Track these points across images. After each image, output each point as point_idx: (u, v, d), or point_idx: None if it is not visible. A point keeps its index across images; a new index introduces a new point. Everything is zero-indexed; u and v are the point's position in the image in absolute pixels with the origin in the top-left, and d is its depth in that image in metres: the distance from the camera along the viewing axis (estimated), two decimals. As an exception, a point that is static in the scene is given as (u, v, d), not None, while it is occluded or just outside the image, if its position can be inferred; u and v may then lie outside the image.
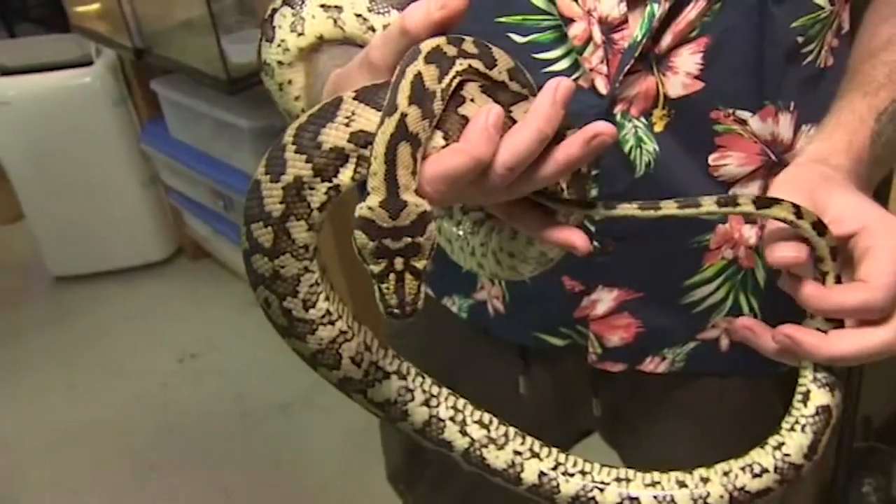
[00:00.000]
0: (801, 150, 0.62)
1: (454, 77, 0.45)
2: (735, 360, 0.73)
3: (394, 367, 0.54)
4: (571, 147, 0.44)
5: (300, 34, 0.56)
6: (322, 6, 0.55)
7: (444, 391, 0.56)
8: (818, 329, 0.53)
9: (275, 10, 0.57)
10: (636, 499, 0.57)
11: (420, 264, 0.43)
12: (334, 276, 1.94)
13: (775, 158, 0.66)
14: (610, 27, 0.60)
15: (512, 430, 0.57)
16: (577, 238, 0.49)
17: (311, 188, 0.45)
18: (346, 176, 0.45)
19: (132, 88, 2.51)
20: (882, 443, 1.56)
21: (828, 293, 0.51)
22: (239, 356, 2.38)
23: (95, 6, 2.34)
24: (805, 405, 0.57)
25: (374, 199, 0.43)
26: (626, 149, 0.63)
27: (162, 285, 2.74)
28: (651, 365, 0.73)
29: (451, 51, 0.45)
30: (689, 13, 0.59)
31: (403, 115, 0.43)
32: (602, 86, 0.61)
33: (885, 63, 0.62)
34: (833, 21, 0.64)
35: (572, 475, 0.57)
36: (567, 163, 0.44)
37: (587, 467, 0.58)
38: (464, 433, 0.56)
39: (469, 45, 0.45)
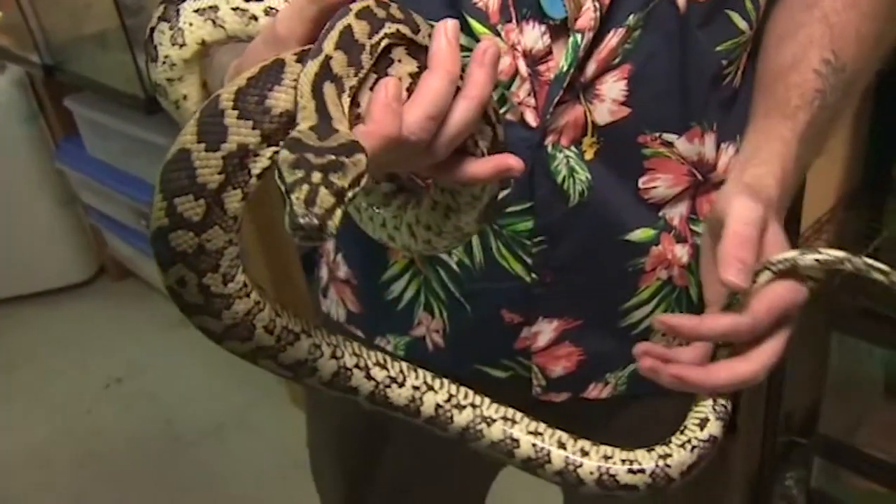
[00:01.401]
0: (740, 167, 0.63)
1: (383, 38, 0.45)
2: (671, 379, 0.74)
3: (300, 327, 0.53)
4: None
5: (182, 45, 0.55)
6: (196, 11, 0.54)
7: (341, 338, 0.56)
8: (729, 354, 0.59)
9: (153, 29, 0.56)
10: (517, 440, 0.60)
11: (340, 181, 0.39)
12: (254, 258, 1.91)
13: (702, 178, 0.67)
14: (535, 60, 0.60)
15: (404, 364, 0.59)
16: (510, 160, 0.49)
17: (256, 155, 0.42)
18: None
19: (44, 105, 2.41)
20: (801, 437, 1.62)
21: (700, 323, 0.58)
22: (167, 379, 2.31)
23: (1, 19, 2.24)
24: (701, 430, 0.62)
25: (304, 125, 0.41)
26: (559, 179, 0.63)
27: (85, 307, 2.64)
28: (595, 391, 0.74)
29: (380, 13, 0.45)
30: (611, 41, 0.60)
31: (328, 57, 0.42)
32: (532, 118, 0.61)
33: (796, 85, 0.64)
34: (748, 43, 0.66)
35: (464, 407, 0.60)
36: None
37: (477, 400, 0.60)
38: (369, 377, 0.56)
39: (395, 10, 0.46)
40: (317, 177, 0.38)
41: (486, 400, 0.61)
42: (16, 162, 2.40)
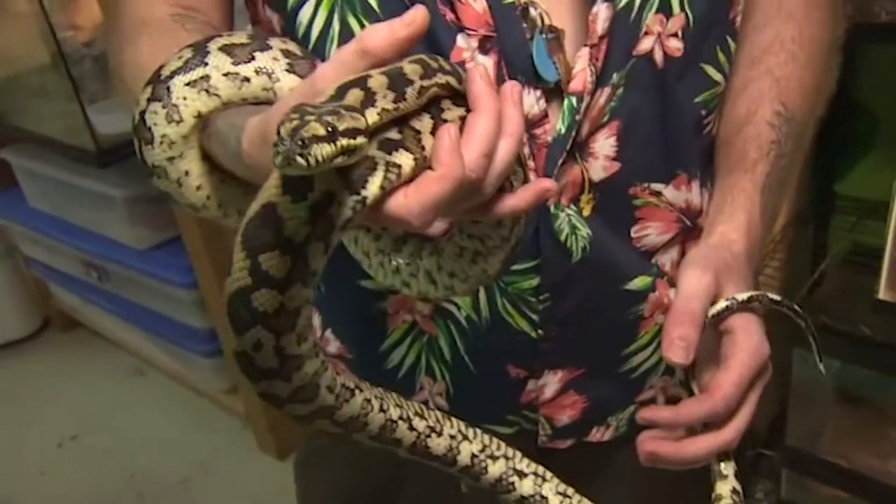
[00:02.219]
0: (708, 228, 0.67)
1: (434, 85, 0.45)
2: (671, 418, 0.76)
3: (353, 382, 0.52)
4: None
5: (179, 121, 0.54)
6: (188, 84, 0.54)
7: (381, 390, 0.56)
8: None
9: (143, 112, 0.55)
10: (546, 498, 0.61)
11: (335, 122, 0.37)
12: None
13: (690, 223, 0.70)
14: (531, 123, 0.62)
15: (439, 413, 0.59)
16: (545, 183, 0.49)
17: (340, 204, 0.42)
18: (374, 185, 0.42)
19: (-23, 157, 2.34)
20: (768, 450, 1.66)
21: (678, 413, 0.59)
22: (125, 431, 2.25)
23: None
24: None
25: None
26: (563, 238, 0.65)
27: (31, 362, 2.56)
28: (598, 435, 0.76)
29: (433, 63, 0.45)
30: (600, 100, 0.62)
31: (367, 76, 0.42)
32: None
33: (752, 138, 0.68)
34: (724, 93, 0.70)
35: (497, 458, 0.60)
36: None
37: (509, 452, 0.61)
38: (411, 428, 0.56)
39: (445, 63, 0.46)
40: (310, 117, 0.37)
41: (518, 453, 0.62)
42: (-48, 217, 2.32)
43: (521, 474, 0.61)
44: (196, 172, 0.57)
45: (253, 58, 0.53)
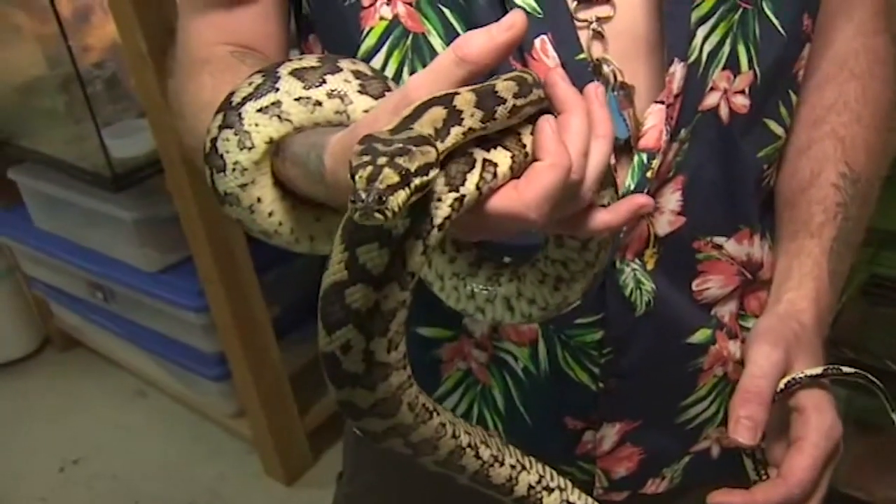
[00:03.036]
0: (775, 295, 0.67)
1: (529, 104, 0.44)
2: (725, 465, 0.76)
3: (432, 404, 0.51)
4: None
5: (251, 148, 0.54)
6: (259, 110, 0.53)
7: (452, 414, 0.55)
8: None
9: (214, 139, 0.55)
10: None
11: (406, 164, 0.37)
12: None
13: (751, 276, 0.70)
14: None
15: (498, 440, 0.58)
16: (639, 199, 0.48)
17: (439, 199, 0.41)
18: (471, 183, 0.41)
19: (-17, 177, 2.31)
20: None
21: (752, 499, 0.59)
22: (129, 456, 2.21)
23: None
24: None
25: (384, 128, 0.40)
26: (627, 292, 0.65)
27: (30, 382, 2.51)
28: (652, 487, 0.75)
29: (529, 78, 0.44)
30: (668, 156, 0.62)
31: (454, 93, 0.41)
32: None
33: (817, 201, 0.68)
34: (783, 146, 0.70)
35: (552, 490, 0.59)
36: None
37: (562, 483, 0.60)
38: (477, 456, 0.55)
39: (537, 76, 0.46)
40: (382, 160, 0.37)
41: (570, 484, 0.61)
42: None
43: None
44: (268, 199, 0.56)
45: (324, 81, 0.53)
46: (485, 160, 0.42)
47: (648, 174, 0.61)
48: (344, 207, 0.43)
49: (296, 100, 0.53)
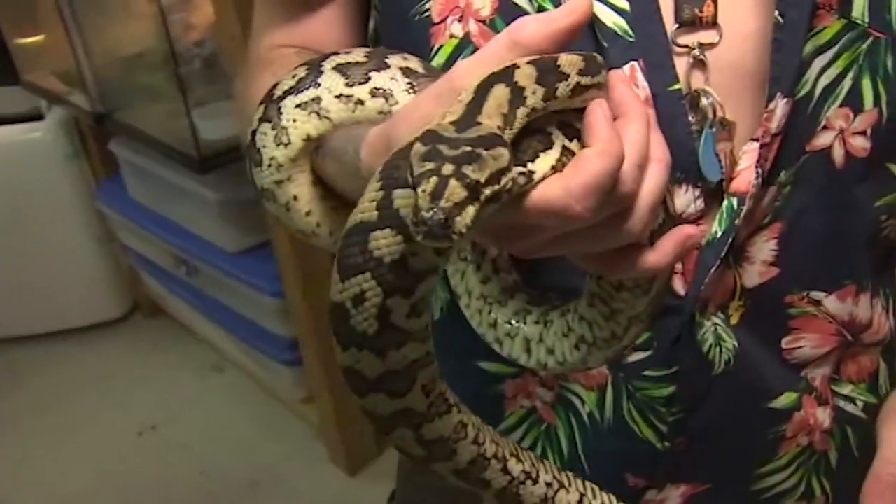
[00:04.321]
0: None
1: (595, 85, 0.39)
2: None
3: (453, 399, 0.46)
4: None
5: (287, 144, 0.52)
6: (299, 106, 0.51)
7: (480, 420, 0.50)
8: None
9: (254, 132, 0.53)
10: None
11: (475, 174, 0.32)
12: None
13: (851, 338, 0.62)
14: (684, 223, 0.55)
15: (533, 455, 0.52)
16: (687, 229, 0.44)
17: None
18: (546, 163, 0.37)
19: (87, 145, 2.39)
20: None
21: None
22: (202, 428, 2.26)
23: (49, 61, 2.22)
24: None
25: (446, 119, 0.35)
26: (706, 348, 0.58)
27: (118, 346, 2.60)
28: (719, 555, 0.69)
29: (600, 58, 0.40)
30: (763, 200, 0.55)
31: (514, 66, 0.37)
32: (680, 286, 0.56)
33: None
34: None
35: None
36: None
37: (606, 499, 0.54)
38: (505, 470, 0.49)
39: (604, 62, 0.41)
40: (448, 169, 0.33)
41: (613, 498, 0.55)
42: (57, 200, 2.37)
43: None
44: (305, 198, 0.54)
45: (368, 78, 0.50)
46: (563, 147, 0.38)
47: (737, 221, 0.54)
48: None
49: (336, 97, 0.50)
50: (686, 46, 0.53)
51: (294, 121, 0.51)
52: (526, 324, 0.54)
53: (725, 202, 0.55)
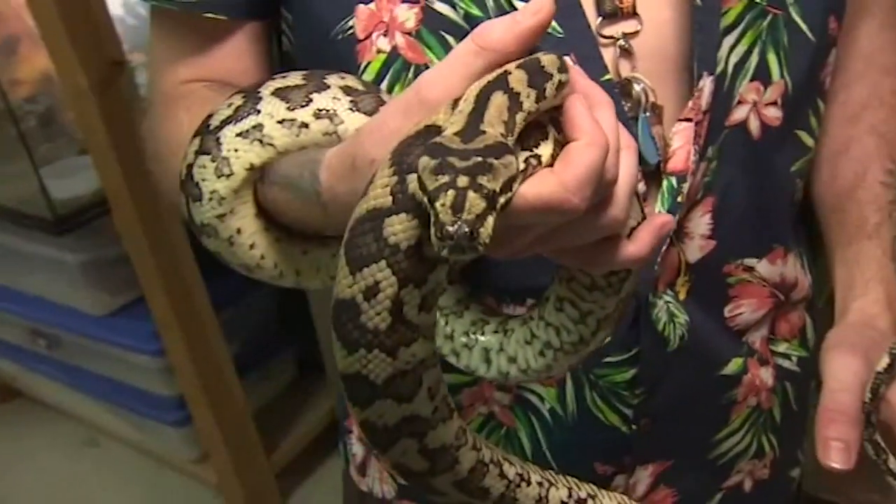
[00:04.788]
0: (841, 308, 0.62)
1: (568, 80, 0.39)
2: (758, 499, 0.72)
3: (453, 404, 0.44)
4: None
5: (229, 175, 0.50)
6: (239, 135, 0.49)
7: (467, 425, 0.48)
8: None
9: (191, 166, 0.51)
10: None
11: (490, 184, 0.33)
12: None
13: (783, 297, 0.66)
14: None
15: (517, 458, 0.51)
16: (660, 218, 0.44)
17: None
18: (547, 149, 0.38)
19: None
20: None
21: None
22: (82, 510, 2.09)
23: None
24: None
25: (449, 131, 0.35)
26: (661, 327, 0.60)
27: (-30, 437, 2.36)
28: (687, 529, 0.71)
29: (561, 56, 0.40)
30: (696, 177, 0.58)
31: (507, 72, 0.37)
32: None
33: (868, 202, 0.64)
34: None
35: (585, 501, 0.52)
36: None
37: (591, 490, 0.53)
38: (502, 475, 0.47)
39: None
40: (463, 181, 0.33)
41: (597, 489, 0.54)
42: None
43: None
44: (249, 230, 0.52)
45: (310, 100, 0.49)
46: (556, 139, 0.38)
47: (679, 199, 0.56)
48: (343, 225, 0.39)
49: (279, 122, 0.49)
50: (611, 37, 0.55)
51: (235, 150, 0.50)
52: (484, 334, 0.54)
53: (665, 182, 0.57)
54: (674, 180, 0.57)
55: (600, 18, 0.55)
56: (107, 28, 1.42)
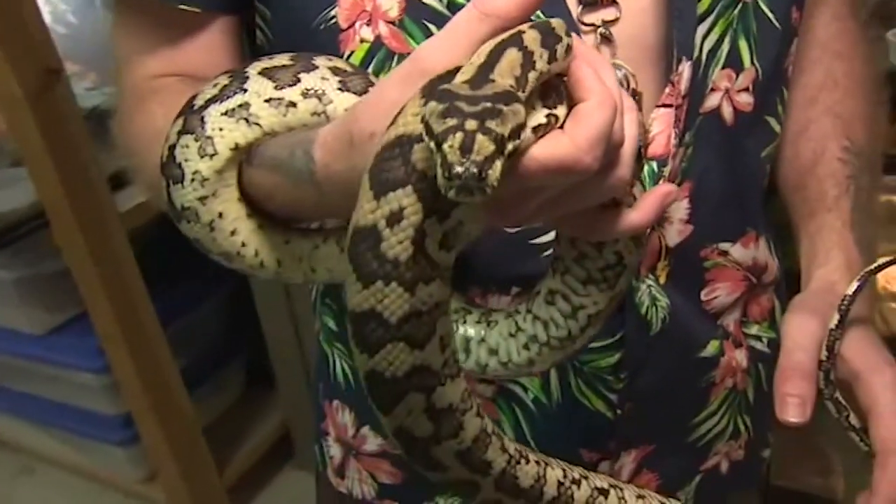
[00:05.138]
0: (805, 276, 0.64)
1: (570, 48, 0.40)
2: (734, 480, 0.73)
3: (460, 365, 0.43)
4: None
5: (213, 155, 0.49)
6: (225, 114, 0.49)
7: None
8: None
9: (173, 147, 0.50)
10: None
11: (499, 128, 0.33)
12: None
13: (756, 280, 0.68)
14: None
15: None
16: (664, 188, 0.45)
17: (534, 108, 0.38)
18: (562, 110, 0.38)
19: None
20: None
21: (882, 491, 0.52)
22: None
23: None
24: None
25: (458, 79, 0.35)
26: (643, 311, 0.61)
27: None
28: (669, 512, 0.72)
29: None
30: (674, 162, 0.59)
31: (521, 31, 0.38)
32: None
33: (827, 176, 0.67)
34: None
35: (579, 481, 0.52)
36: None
37: (583, 471, 0.53)
38: (503, 448, 0.46)
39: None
40: (471, 124, 0.32)
41: (589, 472, 0.54)
42: None
43: (604, 492, 0.53)
44: (231, 215, 0.51)
45: (298, 80, 0.48)
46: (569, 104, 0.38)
47: (660, 183, 0.57)
48: (339, 207, 0.39)
49: (266, 101, 0.49)
50: (591, 25, 0.56)
51: (220, 129, 0.49)
52: (466, 323, 0.54)
53: (646, 168, 0.58)
54: (654, 165, 0.58)
55: (581, 7, 0.56)
56: (42, 35, 1.38)
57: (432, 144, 0.33)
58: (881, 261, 0.57)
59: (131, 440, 1.83)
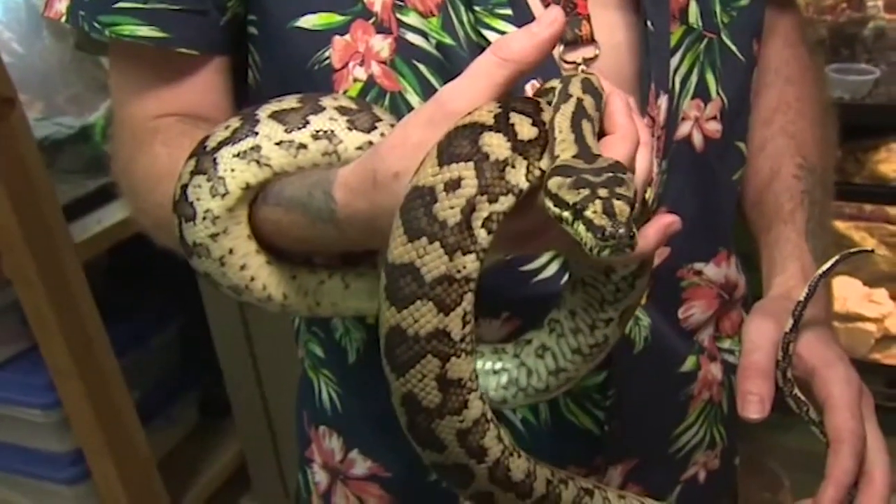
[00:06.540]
0: (765, 286, 0.69)
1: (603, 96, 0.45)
2: (711, 489, 0.77)
3: (474, 343, 0.45)
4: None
5: (224, 194, 0.51)
6: (237, 155, 0.51)
7: None
8: None
9: (185, 186, 0.52)
10: None
11: (627, 193, 0.38)
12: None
13: (728, 297, 0.72)
14: None
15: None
16: (666, 218, 0.48)
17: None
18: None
19: None
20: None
21: (835, 479, 0.55)
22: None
23: None
24: None
25: (566, 155, 0.41)
26: (627, 330, 0.64)
27: None
28: (652, 524, 0.74)
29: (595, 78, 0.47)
30: (656, 191, 0.63)
31: (580, 100, 0.43)
32: None
33: (782, 191, 0.72)
34: None
35: (566, 482, 0.54)
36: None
37: (569, 474, 0.55)
38: (500, 438, 0.48)
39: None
40: (603, 192, 0.37)
41: (574, 475, 0.56)
42: None
43: (589, 492, 0.55)
44: (241, 251, 0.53)
45: (307, 122, 0.51)
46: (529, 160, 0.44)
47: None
48: (357, 242, 0.47)
49: (277, 144, 0.51)
50: (573, 62, 0.59)
51: (232, 170, 0.51)
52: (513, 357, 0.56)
53: None
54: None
55: (562, 46, 0.59)
56: (-6, 63, 1.35)
57: (566, 214, 0.37)
58: (824, 267, 0.61)
59: (80, 478, 1.77)
